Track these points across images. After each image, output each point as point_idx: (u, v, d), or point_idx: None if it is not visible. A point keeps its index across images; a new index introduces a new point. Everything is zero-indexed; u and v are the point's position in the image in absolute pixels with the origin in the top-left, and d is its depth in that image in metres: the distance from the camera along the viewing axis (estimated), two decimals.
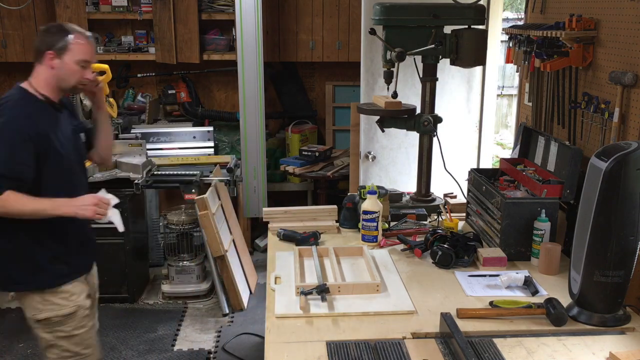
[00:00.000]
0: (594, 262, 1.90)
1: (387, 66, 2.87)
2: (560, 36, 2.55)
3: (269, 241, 2.72)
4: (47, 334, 2.26)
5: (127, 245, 4.03)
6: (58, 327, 2.25)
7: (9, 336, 3.72)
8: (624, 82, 2.27)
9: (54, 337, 2.26)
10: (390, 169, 3.92)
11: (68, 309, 2.26)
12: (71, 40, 2.19)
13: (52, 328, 2.25)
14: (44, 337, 2.27)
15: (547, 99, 2.95)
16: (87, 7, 4.91)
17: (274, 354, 1.79)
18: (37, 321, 2.24)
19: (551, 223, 2.37)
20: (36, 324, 2.25)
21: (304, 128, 5.18)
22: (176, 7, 4.84)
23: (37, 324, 2.25)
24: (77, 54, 2.21)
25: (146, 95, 5.29)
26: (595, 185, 1.84)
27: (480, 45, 2.90)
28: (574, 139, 2.71)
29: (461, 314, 1.98)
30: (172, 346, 3.64)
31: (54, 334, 2.26)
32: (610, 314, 1.95)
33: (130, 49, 5.07)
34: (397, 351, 1.78)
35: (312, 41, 5.08)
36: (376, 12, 2.86)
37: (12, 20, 4.93)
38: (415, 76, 3.13)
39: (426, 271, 2.38)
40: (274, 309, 2.04)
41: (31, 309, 2.24)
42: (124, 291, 4.12)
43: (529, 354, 1.78)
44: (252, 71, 4.57)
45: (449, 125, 3.47)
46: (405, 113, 2.99)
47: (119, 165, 4.20)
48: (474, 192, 2.81)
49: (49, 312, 2.23)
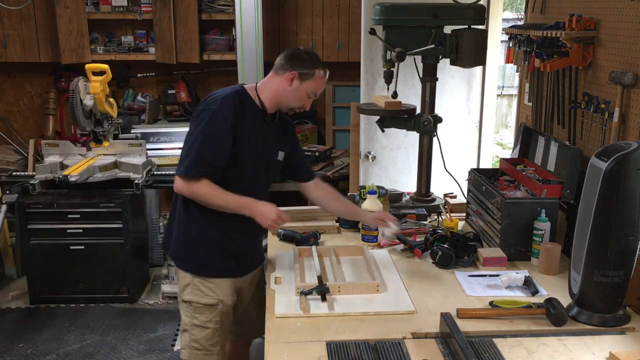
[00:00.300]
0: (594, 262, 1.90)
1: (387, 66, 2.87)
2: (560, 36, 2.55)
3: (269, 241, 2.72)
4: (186, 317, 2.33)
5: (127, 245, 4.03)
6: (196, 314, 2.30)
7: (9, 336, 3.72)
8: (624, 82, 2.27)
9: (190, 322, 2.31)
10: (390, 169, 3.91)
11: (210, 299, 2.29)
12: (318, 73, 2.29)
13: (191, 313, 2.30)
14: (183, 319, 2.34)
15: (547, 99, 2.95)
16: (87, 7, 4.91)
17: (274, 354, 1.79)
18: (182, 300, 2.32)
19: (551, 223, 2.37)
20: (181, 303, 2.33)
21: (304, 128, 5.18)
22: (176, 7, 4.84)
23: (182, 304, 2.32)
24: (314, 86, 2.30)
25: (146, 95, 5.29)
26: (595, 185, 1.84)
27: (480, 45, 2.90)
28: (574, 139, 2.71)
29: (461, 314, 1.98)
30: (172, 346, 3.64)
31: (191, 319, 2.31)
32: (610, 314, 1.95)
33: (130, 49, 5.07)
34: (397, 351, 1.78)
35: (312, 41, 5.08)
36: (376, 12, 2.86)
37: (12, 20, 4.93)
38: (415, 76, 3.13)
39: (426, 271, 2.38)
40: (274, 309, 2.05)
41: (181, 287, 2.33)
42: (124, 291, 4.12)
43: (529, 354, 1.78)
44: (252, 71, 4.56)
45: (449, 125, 3.47)
46: (405, 113, 2.99)
47: (119, 165, 4.20)
48: (474, 192, 2.81)
49: (193, 296, 2.29)
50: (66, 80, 5.04)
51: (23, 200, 3.97)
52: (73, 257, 4.02)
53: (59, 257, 4.02)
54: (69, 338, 3.71)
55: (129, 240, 4.03)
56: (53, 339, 3.69)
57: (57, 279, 4.06)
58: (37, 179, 4.02)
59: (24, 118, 5.38)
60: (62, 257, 4.01)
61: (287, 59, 2.29)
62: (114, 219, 3.99)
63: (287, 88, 2.28)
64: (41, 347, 3.60)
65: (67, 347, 3.60)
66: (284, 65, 2.28)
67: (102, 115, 4.16)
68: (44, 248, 4.01)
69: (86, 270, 4.05)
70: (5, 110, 5.32)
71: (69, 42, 4.89)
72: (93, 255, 4.03)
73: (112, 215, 3.98)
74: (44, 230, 3.98)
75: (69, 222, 3.97)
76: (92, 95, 3.99)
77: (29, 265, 4.06)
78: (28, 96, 5.33)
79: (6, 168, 4.75)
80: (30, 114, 5.37)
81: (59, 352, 3.56)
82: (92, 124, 4.16)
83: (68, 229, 3.98)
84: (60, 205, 3.97)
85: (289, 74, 2.27)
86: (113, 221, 3.99)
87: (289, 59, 2.29)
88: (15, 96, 5.31)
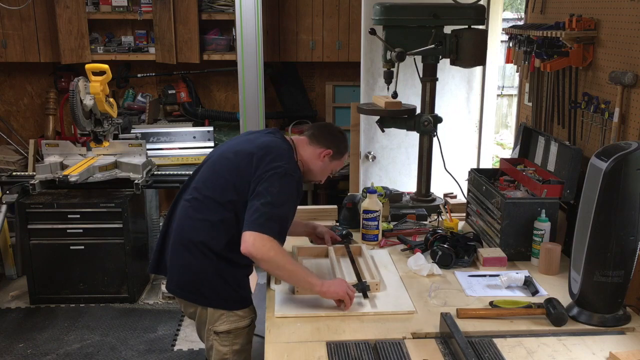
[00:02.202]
0: (594, 262, 1.90)
1: (387, 66, 2.87)
2: (560, 36, 2.55)
3: None
4: (223, 347, 2.25)
5: (127, 245, 4.03)
6: (236, 340, 2.25)
7: (9, 336, 3.72)
8: (624, 82, 2.27)
9: (230, 350, 2.26)
10: (390, 169, 3.91)
11: (247, 321, 2.26)
12: (345, 155, 2.38)
13: (231, 340, 2.25)
14: (220, 350, 2.25)
15: (547, 99, 2.95)
16: (87, 7, 4.91)
17: (274, 354, 1.79)
18: (216, 333, 2.23)
19: (551, 223, 2.37)
20: (215, 336, 2.24)
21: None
22: (176, 7, 4.84)
23: (216, 336, 2.24)
24: (339, 165, 2.38)
25: (146, 95, 5.29)
26: (595, 185, 1.84)
27: (480, 45, 2.90)
28: (574, 139, 2.71)
29: (461, 314, 1.98)
30: (172, 346, 3.64)
31: (231, 347, 2.25)
32: (610, 314, 1.95)
33: (130, 49, 5.07)
34: (397, 351, 1.78)
35: (312, 41, 5.08)
36: (376, 12, 2.86)
37: (12, 20, 4.93)
38: (415, 76, 3.13)
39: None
40: (274, 309, 2.05)
41: (214, 321, 2.23)
42: (124, 291, 4.12)
43: (529, 354, 1.78)
44: (252, 71, 4.56)
45: (449, 125, 3.47)
46: (405, 113, 2.99)
47: (119, 165, 4.20)
48: (474, 192, 2.81)
49: (231, 324, 2.22)
50: (66, 80, 5.05)
51: (23, 200, 3.97)
52: (73, 257, 4.02)
53: (59, 257, 4.02)
54: (69, 338, 3.71)
55: (129, 240, 4.03)
56: (53, 339, 3.69)
57: (57, 279, 4.06)
58: (37, 179, 4.02)
59: (24, 118, 5.38)
60: (62, 257, 4.01)
61: (325, 134, 2.32)
62: (114, 219, 3.99)
63: (318, 162, 2.30)
64: (41, 347, 3.60)
65: (67, 347, 3.60)
66: (322, 140, 2.30)
67: (102, 115, 4.16)
68: (44, 248, 4.01)
69: (86, 270, 4.05)
70: (5, 110, 5.33)
71: (69, 42, 4.89)
72: (93, 255, 4.03)
73: (112, 215, 3.98)
74: (44, 230, 3.98)
75: (69, 222, 3.97)
76: (92, 95, 3.99)
77: (29, 265, 4.06)
78: (28, 96, 5.33)
79: (6, 168, 4.76)
80: (30, 114, 5.37)
81: (59, 352, 3.56)
82: (92, 124, 4.15)
83: (68, 229, 3.98)
84: (60, 205, 3.97)
85: (325, 151, 2.29)
86: (113, 221, 3.99)
87: (329, 136, 2.32)
88: (15, 96, 5.31)
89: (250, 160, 2.13)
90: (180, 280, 2.24)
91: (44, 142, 4.29)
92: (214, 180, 2.21)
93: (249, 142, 2.25)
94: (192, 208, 2.21)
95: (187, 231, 2.19)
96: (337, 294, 2.03)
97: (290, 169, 2.12)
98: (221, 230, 2.13)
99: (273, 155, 2.14)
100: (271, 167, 2.10)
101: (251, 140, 2.26)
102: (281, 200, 2.06)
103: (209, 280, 2.18)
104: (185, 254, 2.19)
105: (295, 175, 2.13)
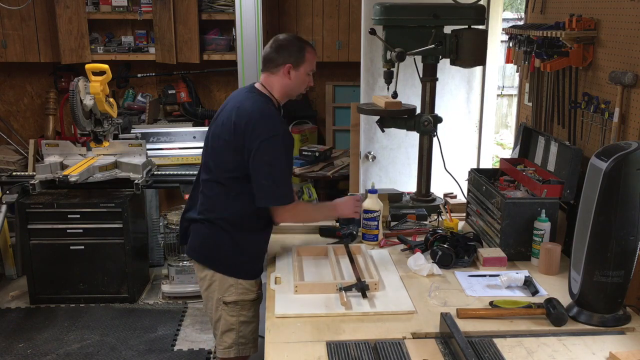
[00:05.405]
0: (594, 262, 1.90)
1: (387, 66, 2.87)
2: (560, 36, 2.55)
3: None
4: (231, 317, 2.39)
5: (127, 245, 4.03)
6: (243, 311, 2.39)
7: (9, 336, 3.73)
8: (624, 82, 2.27)
9: (237, 320, 2.40)
10: (390, 169, 3.91)
11: (254, 295, 2.42)
12: (307, 54, 2.37)
13: (238, 311, 2.39)
14: (227, 320, 2.39)
15: (547, 99, 2.95)
16: (87, 7, 4.91)
17: (274, 354, 1.79)
18: (225, 303, 2.37)
19: (551, 223, 2.36)
20: (224, 306, 2.38)
21: (304, 128, 5.18)
22: (176, 7, 4.84)
23: (225, 306, 2.38)
24: (310, 66, 2.39)
25: (146, 95, 5.29)
26: (595, 185, 1.84)
27: (480, 45, 2.90)
28: (574, 139, 2.71)
29: (461, 314, 1.98)
30: (172, 346, 3.64)
31: (238, 317, 2.39)
32: (610, 314, 1.95)
33: (130, 49, 5.07)
34: (397, 351, 1.78)
35: (312, 41, 5.07)
36: (376, 12, 2.86)
37: (12, 20, 4.93)
38: (415, 76, 3.13)
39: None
40: (274, 309, 2.05)
41: (223, 291, 2.37)
42: (124, 291, 4.13)
43: (529, 354, 1.78)
44: (252, 71, 4.56)
45: (449, 125, 3.47)
46: (405, 113, 2.99)
47: (119, 165, 4.20)
48: (474, 192, 2.81)
49: (239, 296, 2.37)
50: (66, 80, 5.05)
51: (23, 200, 3.98)
52: (73, 257, 4.02)
53: (59, 257, 4.02)
54: (69, 338, 3.71)
55: (129, 240, 4.03)
56: (53, 339, 3.69)
57: (57, 279, 4.06)
58: (37, 179, 4.02)
59: (24, 118, 5.38)
60: (62, 257, 4.02)
61: (274, 56, 2.35)
62: (114, 219, 3.99)
63: (288, 82, 2.37)
64: (41, 347, 3.60)
65: (67, 347, 3.60)
66: (274, 62, 2.35)
67: (102, 115, 4.16)
68: (44, 248, 4.01)
69: (86, 270, 4.05)
70: (5, 110, 5.33)
71: (69, 42, 4.89)
72: (93, 255, 4.03)
73: (112, 215, 3.98)
74: (44, 230, 3.99)
75: (69, 222, 3.98)
76: (92, 95, 3.99)
77: (29, 265, 4.06)
78: (28, 96, 5.33)
79: (6, 168, 4.76)
80: (30, 114, 5.38)
81: (59, 352, 3.56)
82: (92, 124, 4.16)
83: (68, 229, 3.99)
84: (60, 205, 3.97)
85: (283, 69, 2.34)
86: (113, 221, 3.99)
87: (276, 56, 2.35)
88: (15, 96, 5.31)
89: (236, 132, 2.27)
90: (200, 247, 2.43)
91: (44, 142, 4.30)
92: (216, 159, 2.36)
93: (233, 110, 2.34)
94: (206, 187, 2.39)
95: (206, 209, 2.38)
96: (349, 214, 2.50)
97: (272, 129, 2.25)
98: (235, 204, 2.32)
99: (254, 122, 2.25)
100: (256, 136, 2.24)
101: (233, 108, 2.35)
102: (277, 162, 2.25)
103: (225, 250, 2.36)
104: (204, 230, 2.39)
105: (278, 132, 2.26)
